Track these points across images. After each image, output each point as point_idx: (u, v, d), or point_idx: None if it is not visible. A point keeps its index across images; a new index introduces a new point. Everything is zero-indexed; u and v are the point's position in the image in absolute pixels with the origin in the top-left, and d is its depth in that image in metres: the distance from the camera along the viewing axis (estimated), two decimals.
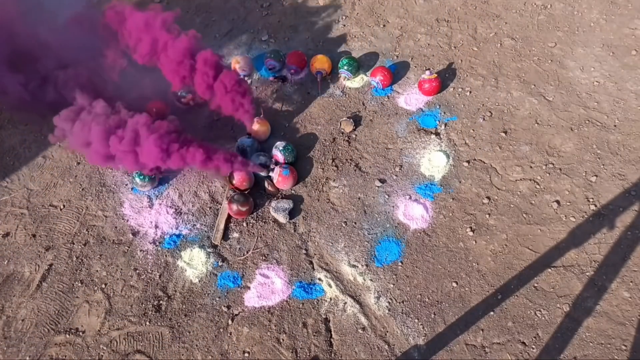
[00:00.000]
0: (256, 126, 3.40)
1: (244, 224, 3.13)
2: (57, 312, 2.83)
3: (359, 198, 3.18)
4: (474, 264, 2.88)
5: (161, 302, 2.85)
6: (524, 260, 2.87)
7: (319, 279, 2.88)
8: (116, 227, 3.15)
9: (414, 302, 2.77)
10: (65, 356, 2.68)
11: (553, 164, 3.22)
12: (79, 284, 2.93)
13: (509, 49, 3.86)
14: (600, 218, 2.97)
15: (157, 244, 3.07)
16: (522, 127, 3.41)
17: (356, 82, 3.76)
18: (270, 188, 3.21)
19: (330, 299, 2.82)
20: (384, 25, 4.11)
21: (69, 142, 3.11)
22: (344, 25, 4.15)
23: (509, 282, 2.80)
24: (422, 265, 2.90)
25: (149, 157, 2.89)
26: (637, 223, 2.91)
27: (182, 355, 2.67)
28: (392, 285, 2.83)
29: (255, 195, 3.22)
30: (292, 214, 3.13)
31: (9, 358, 2.68)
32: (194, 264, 2.98)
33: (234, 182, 3.16)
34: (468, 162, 3.28)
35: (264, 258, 2.99)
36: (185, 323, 2.77)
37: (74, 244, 3.09)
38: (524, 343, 2.61)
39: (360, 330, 2.70)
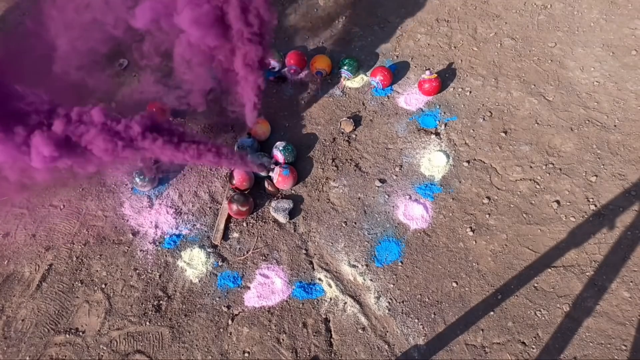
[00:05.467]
0: (256, 126, 3.40)
1: (244, 224, 3.13)
2: (57, 312, 2.83)
3: (359, 198, 3.18)
4: (474, 264, 2.88)
5: (161, 302, 2.85)
6: (524, 260, 2.87)
7: (319, 279, 2.88)
8: (116, 227, 3.15)
9: (414, 302, 2.77)
10: (65, 356, 2.68)
11: (553, 164, 3.22)
12: (79, 284, 2.93)
13: (509, 49, 3.86)
14: (600, 218, 2.97)
15: (157, 244, 3.07)
16: (522, 127, 3.41)
17: (356, 82, 3.76)
18: (270, 188, 3.21)
19: (330, 299, 2.82)
20: (383, 26, 4.11)
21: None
22: (344, 25, 4.15)
23: (509, 282, 2.80)
24: (422, 265, 2.90)
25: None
26: (637, 223, 2.91)
27: (182, 355, 2.67)
28: (392, 285, 2.83)
29: (255, 195, 3.22)
30: (292, 214, 3.13)
31: (9, 358, 2.68)
32: (194, 264, 2.98)
33: (234, 182, 3.16)
34: (468, 162, 3.28)
35: (264, 258, 2.99)
36: (185, 323, 2.77)
37: (74, 244, 3.09)
38: (524, 343, 2.61)
39: (360, 330, 2.70)
